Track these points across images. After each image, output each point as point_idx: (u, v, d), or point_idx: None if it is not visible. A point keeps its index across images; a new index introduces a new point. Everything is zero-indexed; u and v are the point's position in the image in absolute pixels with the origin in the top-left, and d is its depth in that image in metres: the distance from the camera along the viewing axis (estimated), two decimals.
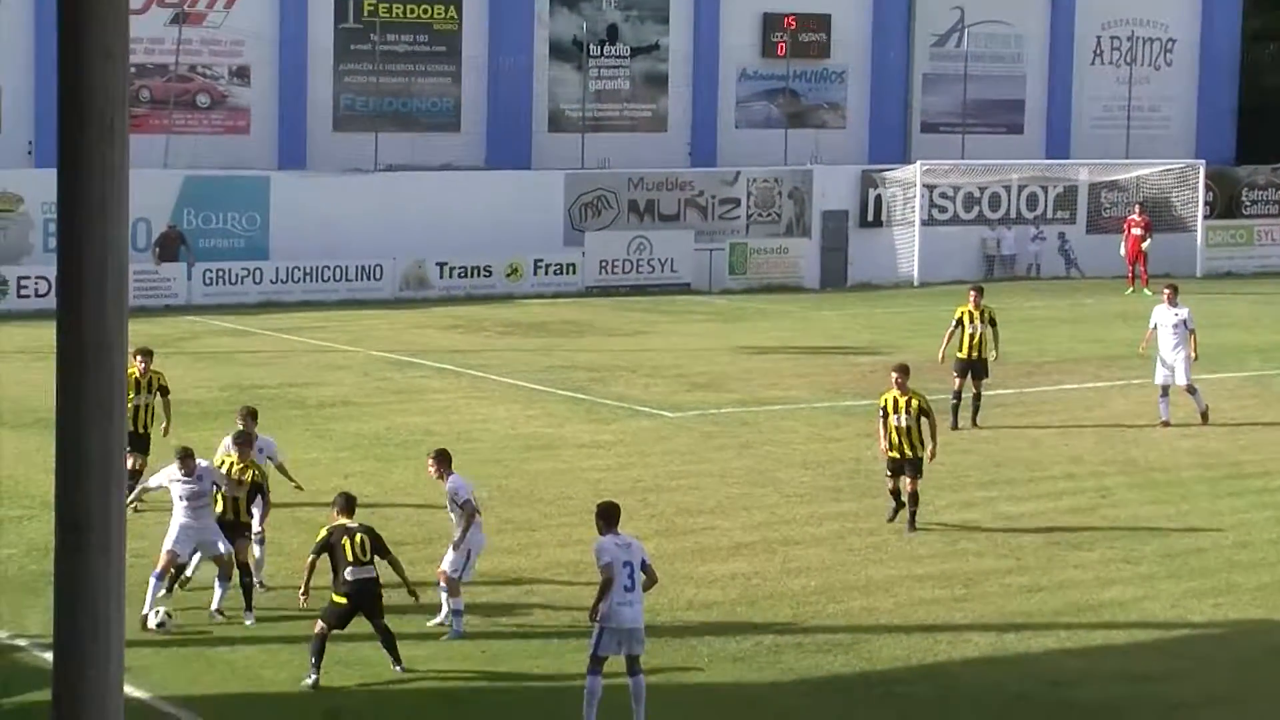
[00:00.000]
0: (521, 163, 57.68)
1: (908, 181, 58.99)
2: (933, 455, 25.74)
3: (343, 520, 19.90)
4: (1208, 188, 62.87)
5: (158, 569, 21.07)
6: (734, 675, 19.17)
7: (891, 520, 25.61)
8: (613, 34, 59.99)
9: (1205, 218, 62.30)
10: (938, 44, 64.24)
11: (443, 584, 20.83)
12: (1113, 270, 58.53)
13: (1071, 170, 62.77)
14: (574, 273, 54.82)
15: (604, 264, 55.11)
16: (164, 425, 26.84)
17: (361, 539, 19.59)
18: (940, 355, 33.24)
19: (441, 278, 53.28)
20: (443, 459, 21.52)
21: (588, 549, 23.64)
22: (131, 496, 23.83)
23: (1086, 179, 62.45)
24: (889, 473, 25.88)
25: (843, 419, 33.77)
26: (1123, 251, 57.97)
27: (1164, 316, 33.91)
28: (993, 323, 33.13)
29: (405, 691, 18.84)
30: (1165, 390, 33.50)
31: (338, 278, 52.19)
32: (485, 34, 58.03)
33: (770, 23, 61.40)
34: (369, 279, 52.48)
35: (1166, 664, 20.13)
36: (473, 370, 39.27)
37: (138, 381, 26.42)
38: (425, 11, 57.34)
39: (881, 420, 25.88)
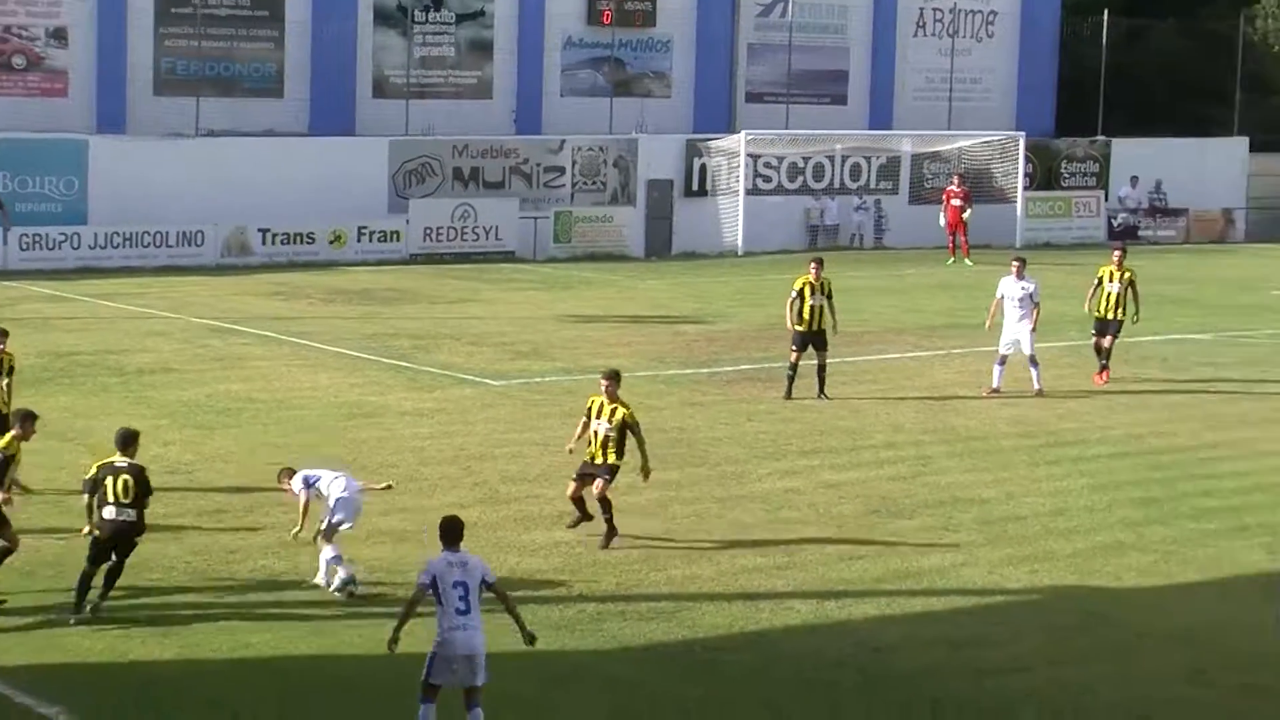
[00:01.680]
0: (345, 129, 57.30)
1: (732, 151, 59.25)
2: (646, 475, 23.43)
3: (112, 458, 19.93)
4: (1027, 159, 63.74)
5: None
6: (557, 643, 19.17)
7: (573, 527, 23.43)
8: (438, 0, 59.68)
9: (1025, 189, 63.15)
10: (762, 14, 64.56)
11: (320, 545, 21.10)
12: (934, 241, 59.14)
13: (894, 141, 63.34)
14: (398, 240, 54.55)
15: (428, 231, 54.89)
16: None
17: (125, 480, 19.69)
18: (789, 325, 33.15)
19: (264, 244, 52.81)
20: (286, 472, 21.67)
21: (410, 516, 23.65)
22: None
23: (909, 150, 63.04)
24: (574, 478, 23.54)
25: (666, 388, 33.86)
26: (942, 222, 58.65)
27: (1011, 289, 34.21)
28: (829, 295, 33.15)
29: (231, 662, 18.66)
30: (1004, 359, 33.90)
31: (158, 243, 51.58)
32: None
33: None
34: (190, 245, 51.90)
35: (983, 630, 20.39)
36: (295, 338, 38.96)
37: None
38: None
39: (583, 422, 23.74)
